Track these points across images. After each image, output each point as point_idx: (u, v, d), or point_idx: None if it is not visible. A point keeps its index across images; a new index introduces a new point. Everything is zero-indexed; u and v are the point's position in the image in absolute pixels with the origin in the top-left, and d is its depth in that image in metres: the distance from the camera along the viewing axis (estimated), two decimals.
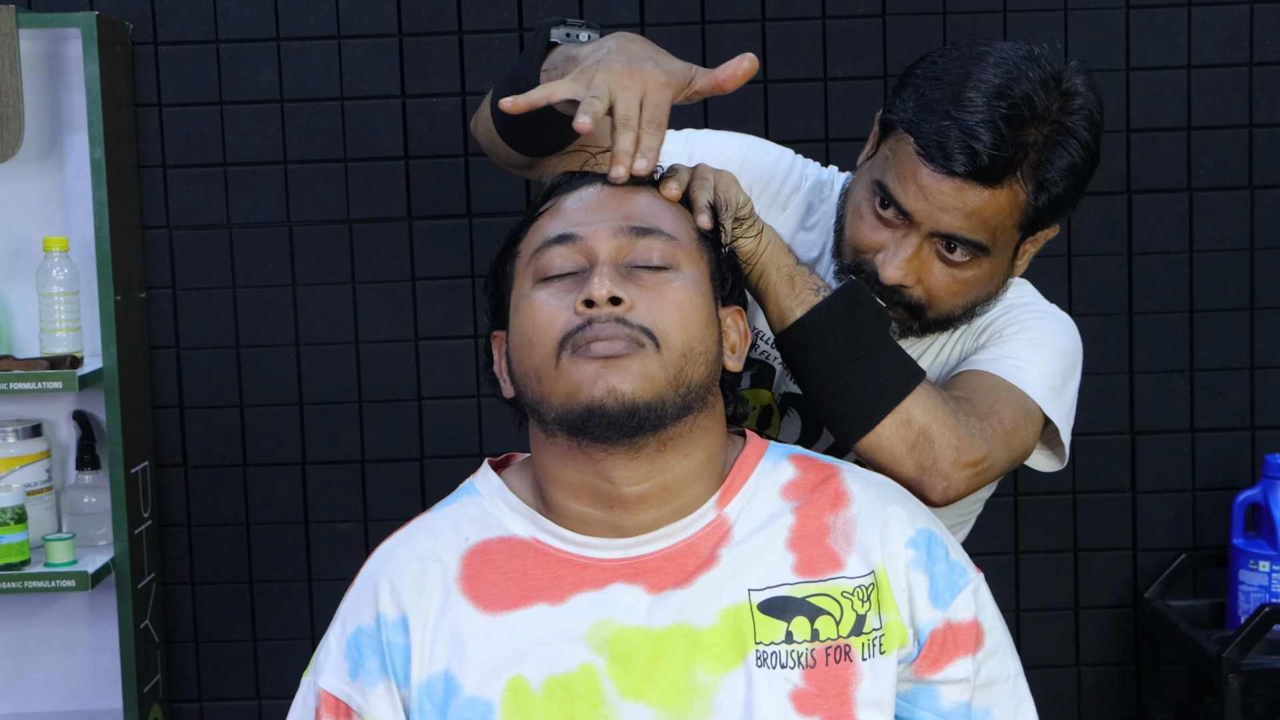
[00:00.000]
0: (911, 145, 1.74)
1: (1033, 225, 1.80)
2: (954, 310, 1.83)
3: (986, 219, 1.74)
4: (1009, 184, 1.73)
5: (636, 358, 1.42)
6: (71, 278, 3.07)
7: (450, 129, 3.18)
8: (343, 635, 1.50)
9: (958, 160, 1.70)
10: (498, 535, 1.52)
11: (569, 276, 1.47)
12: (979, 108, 1.70)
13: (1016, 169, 1.72)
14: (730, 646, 1.44)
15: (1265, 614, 2.81)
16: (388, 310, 3.21)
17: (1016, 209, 1.75)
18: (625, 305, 1.43)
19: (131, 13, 3.16)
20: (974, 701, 1.52)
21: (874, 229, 1.79)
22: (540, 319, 1.46)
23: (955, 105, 1.71)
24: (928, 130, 1.72)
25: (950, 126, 1.70)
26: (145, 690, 3.10)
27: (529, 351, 1.46)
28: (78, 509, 3.15)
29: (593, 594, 1.46)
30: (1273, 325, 3.22)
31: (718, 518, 1.50)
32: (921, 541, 1.50)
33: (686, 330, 1.45)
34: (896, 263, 1.76)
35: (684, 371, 1.44)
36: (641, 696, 1.43)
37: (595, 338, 1.42)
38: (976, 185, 1.72)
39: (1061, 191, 1.76)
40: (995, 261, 1.80)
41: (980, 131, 1.69)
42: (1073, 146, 1.74)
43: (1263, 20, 3.17)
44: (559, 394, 1.44)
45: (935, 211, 1.73)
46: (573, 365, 1.43)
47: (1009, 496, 3.24)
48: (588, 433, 1.43)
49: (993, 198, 1.73)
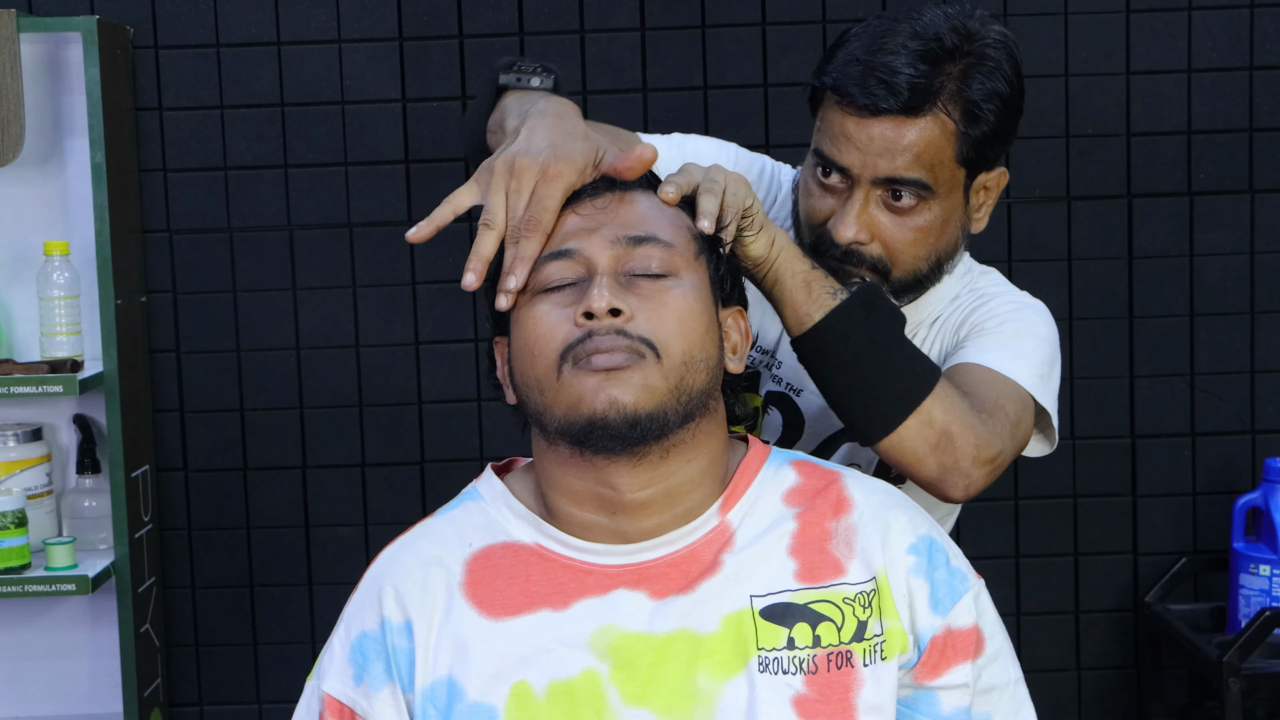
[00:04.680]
0: (836, 101, 1.80)
1: (972, 162, 1.82)
2: (918, 265, 1.84)
3: (920, 154, 1.78)
4: (933, 113, 1.77)
5: (637, 369, 1.42)
6: (72, 281, 3.08)
7: (450, 133, 3.18)
8: (347, 640, 1.51)
9: (878, 96, 1.76)
10: (501, 541, 1.52)
11: (569, 287, 1.47)
12: (894, 49, 1.77)
13: (937, 97, 1.77)
14: (732, 652, 1.44)
15: (1266, 618, 2.81)
16: (388, 314, 3.22)
17: (948, 141, 1.79)
18: (625, 316, 1.43)
19: (132, 17, 3.16)
20: (974, 707, 1.52)
21: (821, 198, 1.84)
22: (541, 331, 1.46)
23: (871, 53, 1.78)
24: (847, 79, 1.78)
25: (867, 71, 1.77)
26: (145, 694, 3.10)
27: (530, 363, 1.46)
28: (78, 513, 3.15)
29: (596, 600, 1.47)
30: (1273, 329, 3.22)
31: (720, 524, 1.50)
32: (922, 548, 1.50)
33: (686, 338, 1.45)
34: (847, 220, 1.80)
35: (685, 380, 1.44)
36: (644, 702, 1.43)
37: (596, 350, 1.42)
38: (901, 118, 1.76)
39: (991, 119, 1.79)
40: (944, 204, 1.83)
41: (896, 66, 1.76)
42: (992, 73, 1.79)
43: (1263, 24, 3.17)
44: (561, 406, 1.44)
45: (870, 158, 1.78)
46: (574, 378, 1.43)
47: (1009, 500, 3.24)
48: (590, 444, 1.44)
49: (920, 131, 1.77)
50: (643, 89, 3.18)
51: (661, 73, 3.18)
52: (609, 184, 1.53)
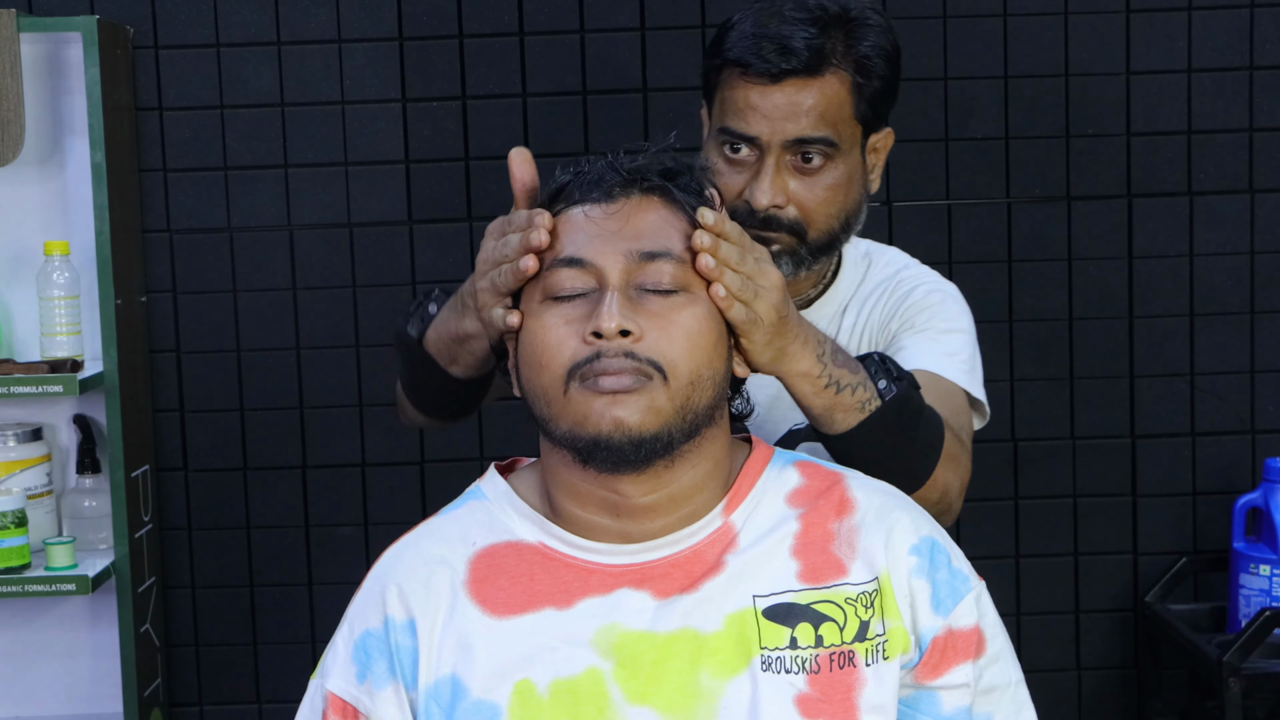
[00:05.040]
0: (736, 74, 1.89)
1: (867, 120, 1.93)
2: (831, 224, 1.93)
3: (823, 112, 1.88)
4: (830, 71, 1.88)
5: (644, 391, 1.42)
6: (72, 281, 3.08)
7: (450, 133, 3.18)
8: (350, 638, 1.51)
9: (780, 61, 1.86)
10: (505, 540, 1.52)
11: (579, 297, 1.46)
12: (783, 20, 1.88)
13: (832, 56, 1.88)
14: (735, 652, 1.45)
15: (1266, 618, 2.81)
16: (388, 314, 3.21)
17: (847, 97, 1.90)
18: (634, 336, 1.43)
19: (132, 17, 3.16)
20: (975, 707, 1.52)
21: (731, 175, 1.92)
22: (550, 342, 1.45)
23: (762, 25, 1.88)
24: (745, 50, 1.88)
25: (763, 39, 1.87)
26: (145, 694, 3.10)
27: (537, 373, 1.46)
28: (78, 513, 3.15)
29: (599, 599, 1.47)
30: (1273, 329, 3.22)
31: (724, 525, 1.51)
32: (925, 549, 1.51)
33: (695, 357, 1.45)
34: (763, 187, 1.88)
35: (691, 399, 1.45)
36: (647, 700, 1.43)
37: (604, 371, 1.42)
38: (802, 80, 1.87)
39: (881, 74, 1.91)
40: (848, 161, 1.92)
41: (789, 33, 1.87)
42: (874, 31, 1.91)
43: (1263, 23, 3.17)
44: (566, 420, 1.44)
45: (777, 124, 1.87)
46: (581, 396, 1.43)
47: (1009, 500, 3.24)
48: (594, 462, 1.45)
49: (821, 90, 1.88)
50: (643, 89, 3.18)
51: (661, 73, 3.18)
52: (624, 184, 1.50)
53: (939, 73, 3.18)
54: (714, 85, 1.95)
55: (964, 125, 3.19)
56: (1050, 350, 3.23)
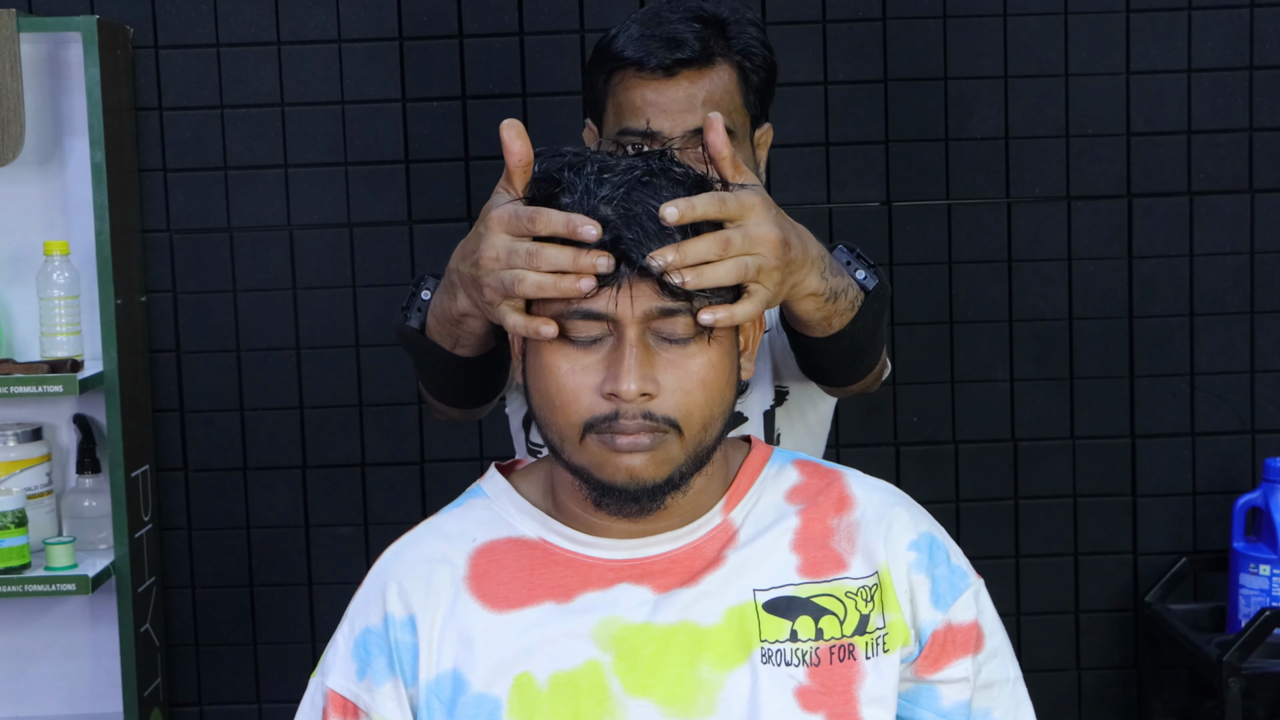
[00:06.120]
0: (630, 74, 1.95)
1: (754, 111, 2.01)
2: None
3: (718, 101, 1.95)
4: (720, 62, 1.96)
5: (660, 447, 1.42)
6: (72, 281, 3.08)
7: (450, 133, 3.19)
8: (350, 635, 1.51)
9: (673, 53, 1.92)
10: (505, 535, 1.53)
11: (594, 343, 1.42)
12: (669, 20, 1.96)
13: (719, 47, 1.96)
14: (735, 644, 1.45)
15: (1266, 618, 2.81)
16: (388, 314, 3.20)
17: (737, 87, 1.98)
18: (651, 396, 1.41)
19: (132, 17, 3.16)
20: (974, 702, 1.53)
21: None
22: (567, 388, 1.42)
23: (649, 27, 1.95)
24: (637, 49, 1.94)
25: (651, 38, 1.94)
26: (145, 694, 3.10)
27: (551, 412, 1.44)
28: (78, 513, 3.15)
29: (599, 593, 1.47)
30: (1273, 329, 3.23)
31: (724, 522, 1.52)
32: (924, 545, 1.52)
33: (709, 404, 1.44)
34: None
35: (704, 441, 1.45)
36: (647, 693, 1.44)
37: (622, 431, 1.41)
38: (696, 72, 1.94)
39: (763, 65, 2.00)
40: (743, 150, 1.99)
41: (678, 30, 1.94)
42: (752, 27, 2.00)
43: (1263, 23, 3.18)
44: (580, 460, 1.44)
45: (678, 116, 1.93)
46: (597, 448, 1.42)
47: (1009, 500, 3.24)
48: (604, 505, 1.46)
49: (714, 80, 1.95)
50: None
51: None
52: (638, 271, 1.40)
53: (939, 73, 3.18)
54: (603, 94, 2.00)
55: (964, 125, 3.20)
56: (1050, 350, 3.23)
